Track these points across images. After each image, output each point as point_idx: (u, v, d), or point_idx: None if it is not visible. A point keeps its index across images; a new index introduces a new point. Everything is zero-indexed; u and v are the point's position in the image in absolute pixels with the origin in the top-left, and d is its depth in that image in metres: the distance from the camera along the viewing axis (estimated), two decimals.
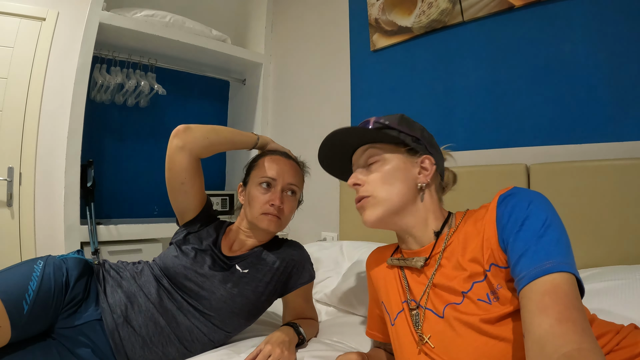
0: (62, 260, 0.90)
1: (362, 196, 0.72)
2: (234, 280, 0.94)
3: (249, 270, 0.96)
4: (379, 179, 0.71)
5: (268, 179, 0.98)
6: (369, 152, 0.74)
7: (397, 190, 0.70)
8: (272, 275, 0.98)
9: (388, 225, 0.73)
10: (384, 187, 0.70)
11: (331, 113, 2.13)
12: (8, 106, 1.89)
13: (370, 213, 0.71)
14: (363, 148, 0.76)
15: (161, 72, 2.32)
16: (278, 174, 0.99)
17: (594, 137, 1.23)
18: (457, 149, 1.54)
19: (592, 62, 1.24)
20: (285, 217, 1.01)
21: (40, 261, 0.87)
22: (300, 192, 1.06)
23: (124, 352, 0.84)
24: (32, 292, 0.79)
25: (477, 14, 1.50)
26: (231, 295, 0.92)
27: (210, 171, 2.70)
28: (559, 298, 0.46)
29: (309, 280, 1.04)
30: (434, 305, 0.65)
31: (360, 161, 0.76)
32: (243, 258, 0.99)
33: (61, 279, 0.85)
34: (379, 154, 0.73)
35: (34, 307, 0.78)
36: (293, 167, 1.03)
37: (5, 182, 1.86)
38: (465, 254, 0.63)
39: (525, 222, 0.55)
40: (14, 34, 1.91)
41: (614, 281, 0.88)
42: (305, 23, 2.37)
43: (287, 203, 1.00)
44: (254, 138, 1.06)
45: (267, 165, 1.00)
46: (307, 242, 1.94)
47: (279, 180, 0.98)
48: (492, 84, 1.48)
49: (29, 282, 0.80)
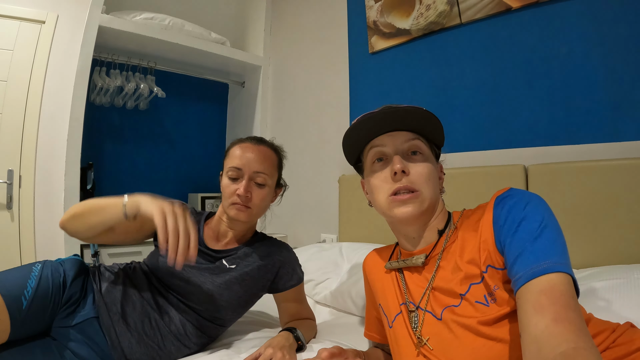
0: (60, 263, 0.92)
1: (411, 188, 0.67)
2: (220, 274, 0.95)
3: (235, 266, 0.97)
4: (426, 175, 0.68)
5: (234, 169, 0.96)
6: (416, 143, 0.70)
7: (436, 191, 0.70)
8: (259, 270, 0.99)
9: (416, 224, 0.70)
10: (429, 185, 0.68)
11: (330, 115, 2.14)
12: (8, 109, 1.89)
13: (416, 209, 0.66)
14: (406, 135, 0.70)
15: (160, 75, 2.33)
16: (244, 163, 0.96)
17: (591, 138, 1.23)
18: (455, 150, 1.56)
19: (589, 63, 1.25)
20: (257, 206, 0.98)
21: (38, 264, 0.89)
22: (273, 179, 1.02)
23: (121, 348, 0.85)
24: (30, 289, 0.81)
25: (475, 15, 1.51)
26: (218, 288, 0.93)
27: (207, 172, 2.71)
28: (556, 298, 0.47)
29: (297, 282, 1.05)
30: (432, 308, 0.65)
31: (402, 147, 0.70)
32: (230, 254, 0.99)
33: (59, 279, 0.87)
34: (423, 148, 0.70)
35: (33, 303, 0.80)
36: (262, 153, 0.99)
37: (5, 184, 1.87)
38: (463, 256, 0.63)
39: (521, 223, 0.56)
40: (14, 37, 1.92)
41: (613, 280, 0.88)
42: (304, 26, 2.38)
43: (255, 192, 0.97)
44: (120, 204, 0.81)
45: (235, 153, 0.98)
46: (307, 243, 1.95)
47: (245, 169, 0.96)
48: (490, 86, 1.49)
49: (27, 281, 0.82)
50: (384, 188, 0.69)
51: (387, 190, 0.68)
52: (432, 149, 0.73)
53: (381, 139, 0.71)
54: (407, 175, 0.67)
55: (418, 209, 0.66)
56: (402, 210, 0.66)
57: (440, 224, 0.71)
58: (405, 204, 0.66)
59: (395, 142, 0.70)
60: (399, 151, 0.69)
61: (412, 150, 0.70)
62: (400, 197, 0.66)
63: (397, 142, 0.70)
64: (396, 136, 0.70)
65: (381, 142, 0.71)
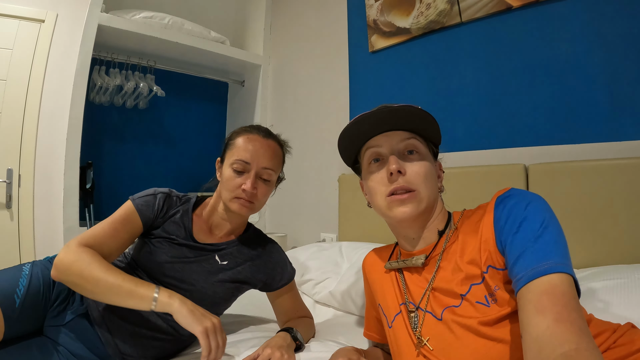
0: (48, 261, 0.93)
1: (408, 188, 0.66)
2: (213, 271, 0.95)
3: (227, 262, 0.97)
4: (423, 174, 0.67)
5: (241, 162, 0.91)
6: (412, 142, 0.69)
7: (434, 190, 0.69)
8: (250, 269, 0.99)
9: (415, 224, 0.69)
10: (427, 184, 0.67)
11: (330, 114, 2.13)
12: (7, 108, 1.89)
13: (414, 209, 0.66)
14: (402, 134, 0.69)
15: (160, 74, 2.32)
16: (252, 157, 0.92)
17: (592, 137, 1.23)
18: (455, 149, 1.56)
19: (589, 62, 1.25)
20: (259, 202, 0.96)
21: (27, 264, 0.90)
22: (277, 174, 1.00)
23: (115, 343, 0.85)
24: (22, 288, 0.82)
25: (475, 14, 1.50)
26: (212, 286, 0.94)
27: (206, 171, 2.71)
28: (557, 298, 0.46)
29: (289, 279, 1.05)
30: (432, 308, 0.65)
31: (398, 146, 0.69)
32: (221, 248, 0.98)
33: (48, 276, 0.87)
34: (419, 147, 0.69)
35: (25, 301, 0.81)
36: (271, 148, 0.96)
37: (5, 183, 1.86)
38: (463, 256, 0.63)
39: (522, 224, 0.55)
40: (13, 36, 1.91)
41: (613, 280, 0.88)
42: (304, 25, 2.37)
43: (260, 187, 0.94)
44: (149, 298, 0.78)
45: (242, 145, 0.93)
46: (306, 243, 1.94)
47: (253, 164, 0.92)
48: (490, 85, 1.48)
49: (18, 279, 0.84)
50: (381, 189, 0.69)
51: (385, 191, 0.68)
52: (430, 148, 0.73)
53: (377, 139, 0.71)
54: (403, 175, 0.66)
55: (416, 209, 0.66)
56: (401, 210, 0.66)
57: (440, 224, 0.70)
58: (404, 204, 0.66)
59: (391, 142, 0.69)
60: (395, 151, 0.69)
61: (408, 149, 0.69)
62: (398, 196, 0.66)
63: (393, 142, 0.69)
64: (392, 136, 0.70)
65: (377, 143, 0.71)
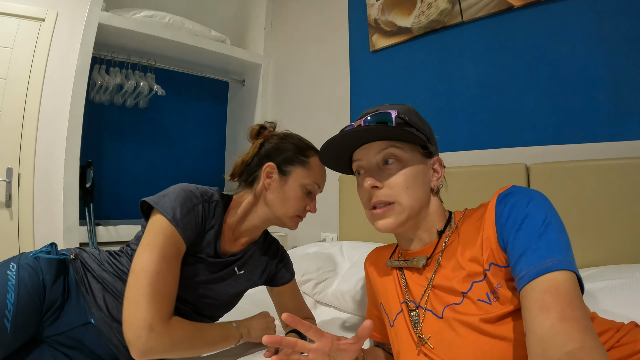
0: (36, 259, 0.85)
1: (386, 202, 0.66)
2: (232, 283, 0.95)
3: (244, 272, 0.97)
4: (402, 183, 0.66)
5: (317, 186, 0.93)
6: (390, 151, 0.67)
7: (419, 195, 0.67)
8: (262, 273, 1.01)
9: (402, 230, 0.70)
10: (408, 193, 0.66)
11: (330, 114, 2.13)
12: (7, 107, 1.89)
13: (394, 221, 0.66)
14: (379, 145, 0.68)
15: (160, 73, 2.32)
16: (322, 183, 0.95)
17: (593, 137, 1.23)
18: (457, 149, 1.55)
19: (591, 62, 1.25)
20: None
21: (13, 264, 0.82)
22: None
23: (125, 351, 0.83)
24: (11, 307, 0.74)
25: (477, 14, 1.50)
26: (231, 298, 0.96)
27: (206, 170, 2.71)
28: (560, 296, 0.46)
29: (290, 277, 1.06)
30: (433, 306, 0.64)
31: (375, 159, 0.69)
32: (239, 256, 0.97)
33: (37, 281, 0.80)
34: (399, 154, 0.67)
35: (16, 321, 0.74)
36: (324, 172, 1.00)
37: (4, 182, 1.86)
38: (464, 254, 0.62)
39: (524, 221, 0.55)
40: (13, 35, 1.91)
41: (614, 280, 0.87)
42: (304, 24, 2.37)
43: None
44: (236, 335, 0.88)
45: (318, 170, 0.93)
46: (307, 242, 1.94)
47: (320, 188, 0.96)
48: (491, 84, 1.48)
49: (6, 295, 0.75)
50: (365, 201, 0.71)
51: (367, 204, 0.70)
52: (415, 149, 0.70)
53: (357, 153, 0.72)
54: (380, 189, 0.67)
55: (396, 220, 0.66)
56: (381, 223, 0.68)
57: (439, 224, 0.70)
58: (383, 217, 0.67)
59: (368, 155, 0.70)
60: (373, 164, 0.69)
61: (386, 158, 0.68)
62: (377, 210, 0.67)
63: (371, 155, 0.69)
64: (369, 148, 0.69)
65: (357, 157, 0.72)
